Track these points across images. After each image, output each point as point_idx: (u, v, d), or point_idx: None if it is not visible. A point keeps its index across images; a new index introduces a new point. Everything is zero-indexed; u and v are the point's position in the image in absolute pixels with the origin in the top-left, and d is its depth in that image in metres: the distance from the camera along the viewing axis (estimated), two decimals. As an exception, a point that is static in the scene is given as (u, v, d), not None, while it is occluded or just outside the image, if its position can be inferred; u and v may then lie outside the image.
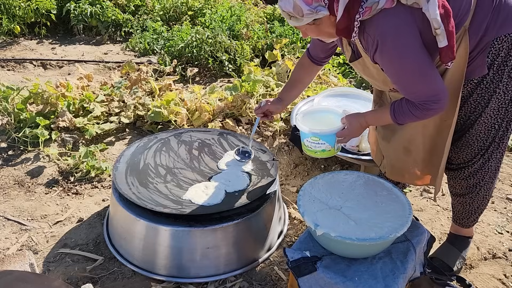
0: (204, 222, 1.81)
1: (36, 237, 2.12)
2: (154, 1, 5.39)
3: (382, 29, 1.38)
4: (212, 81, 3.97)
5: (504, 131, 1.67)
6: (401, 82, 1.48)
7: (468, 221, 1.95)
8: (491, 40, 1.49)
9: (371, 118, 1.69)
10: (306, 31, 1.52)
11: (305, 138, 1.77)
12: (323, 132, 1.71)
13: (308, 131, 1.73)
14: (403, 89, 1.50)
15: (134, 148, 2.24)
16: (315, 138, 1.73)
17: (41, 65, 4.15)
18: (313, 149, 1.77)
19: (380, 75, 1.57)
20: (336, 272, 1.53)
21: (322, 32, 1.51)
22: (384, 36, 1.38)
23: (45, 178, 2.55)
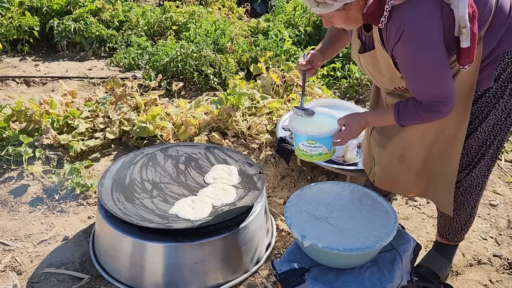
0: (191, 237, 1.81)
1: (20, 257, 2.08)
2: (138, 16, 5.40)
3: (411, 17, 1.32)
4: (197, 95, 3.98)
5: (495, 149, 1.67)
6: (414, 78, 1.43)
7: (455, 237, 1.95)
8: (502, 53, 1.48)
9: (372, 118, 1.64)
10: (332, 19, 1.43)
11: (300, 142, 1.68)
12: (320, 134, 1.64)
13: (304, 134, 1.65)
14: (414, 86, 1.45)
15: (120, 164, 2.22)
16: (312, 141, 1.65)
17: (24, 82, 4.11)
18: (309, 153, 1.68)
19: (389, 71, 1.51)
20: (324, 283, 1.53)
21: (349, 19, 1.41)
22: (411, 25, 1.32)
23: (29, 197, 2.51)
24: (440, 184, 1.74)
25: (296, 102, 3.38)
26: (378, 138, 1.81)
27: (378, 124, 1.67)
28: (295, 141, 1.72)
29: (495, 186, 2.73)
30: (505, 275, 2.06)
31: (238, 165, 2.25)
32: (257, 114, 3.25)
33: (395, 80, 1.53)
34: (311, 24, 5.12)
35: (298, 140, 1.70)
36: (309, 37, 4.98)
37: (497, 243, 2.27)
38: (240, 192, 2.05)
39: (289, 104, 3.38)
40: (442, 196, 1.76)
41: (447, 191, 1.73)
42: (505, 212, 2.51)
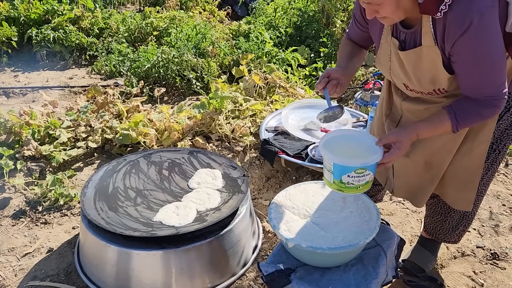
0: (177, 243, 1.80)
1: (3, 272, 2.05)
2: (119, 23, 5.37)
3: (477, 7, 1.24)
4: (180, 100, 3.97)
5: (498, 154, 1.66)
6: (478, 73, 1.34)
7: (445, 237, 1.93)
8: None
9: (424, 130, 1.45)
10: (380, 7, 1.32)
11: (345, 174, 1.44)
12: (373, 160, 1.43)
13: (353, 164, 1.42)
14: (476, 81, 1.36)
15: (103, 172, 2.21)
16: (361, 170, 1.42)
17: (4, 94, 4.05)
18: (355, 185, 1.46)
19: (432, 71, 1.42)
20: (310, 282, 1.54)
21: (399, 7, 1.31)
22: (481, 14, 1.24)
23: (11, 210, 2.47)
24: (460, 184, 1.68)
25: (279, 104, 3.39)
26: None
27: (429, 135, 1.49)
28: (335, 174, 1.46)
29: (476, 178, 2.78)
30: (488, 265, 2.10)
31: (222, 168, 2.26)
32: (241, 116, 3.26)
33: (437, 81, 1.45)
34: (291, 25, 5.16)
35: (342, 172, 1.44)
36: (290, 38, 5.01)
37: (480, 234, 2.31)
38: (224, 196, 2.05)
39: (271, 106, 3.39)
40: (463, 194, 1.70)
41: (471, 189, 1.68)
42: (486, 204, 2.55)
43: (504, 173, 2.86)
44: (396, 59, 1.51)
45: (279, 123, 2.96)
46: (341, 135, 1.60)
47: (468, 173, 1.64)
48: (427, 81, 1.47)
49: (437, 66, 1.40)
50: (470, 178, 1.66)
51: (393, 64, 1.54)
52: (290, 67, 4.28)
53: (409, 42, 1.45)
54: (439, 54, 1.37)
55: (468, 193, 1.69)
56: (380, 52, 1.57)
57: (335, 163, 1.44)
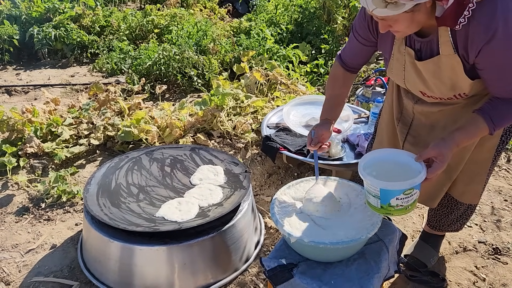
0: (179, 238, 1.81)
1: (7, 268, 2.06)
2: (120, 20, 5.37)
3: (501, 12, 1.22)
4: (182, 97, 3.97)
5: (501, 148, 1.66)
6: (507, 77, 1.33)
7: (448, 228, 1.95)
8: None
9: (462, 138, 1.41)
10: (396, 22, 1.29)
11: (393, 197, 1.39)
12: (419, 178, 1.38)
13: (401, 187, 1.37)
14: (507, 84, 1.34)
15: (105, 169, 2.22)
16: (410, 190, 1.37)
17: (6, 92, 4.06)
18: (404, 206, 1.41)
19: (452, 78, 1.40)
20: (312, 277, 1.55)
21: (413, 22, 1.28)
22: (503, 19, 1.22)
23: (14, 207, 2.48)
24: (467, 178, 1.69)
25: (281, 101, 3.39)
26: (415, 151, 1.58)
27: (468, 142, 1.45)
28: (383, 199, 1.41)
29: (478, 174, 2.78)
30: (490, 260, 2.10)
31: (224, 165, 2.26)
32: (242, 113, 3.26)
33: (457, 87, 1.43)
34: (292, 22, 5.15)
35: (390, 195, 1.39)
36: (291, 35, 5.01)
37: (482, 229, 2.31)
38: (226, 191, 2.06)
39: (273, 103, 3.40)
40: (471, 187, 1.70)
41: (479, 182, 1.68)
42: (488, 199, 2.55)
43: (506, 169, 2.86)
44: (413, 68, 1.48)
45: (281, 119, 2.97)
46: (376, 156, 1.55)
47: (476, 166, 1.65)
48: (448, 88, 1.45)
49: (458, 73, 1.38)
50: (477, 171, 1.66)
51: (408, 74, 1.51)
52: (291, 64, 4.28)
53: (425, 51, 1.42)
54: (460, 62, 1.35)
55: (476, 186, 1.70)
56: (392, 62, 1.55)
57: (381, 188, 1.39)
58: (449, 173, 1.67)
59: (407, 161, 1.46)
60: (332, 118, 1.75)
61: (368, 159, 1.52)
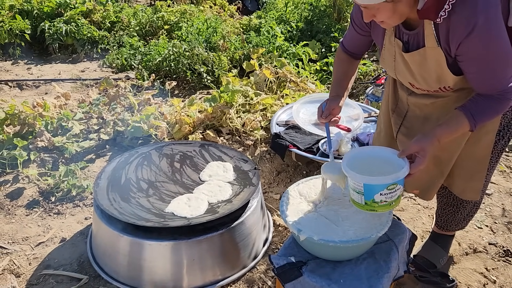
0: (188, 234, 1.81)
1: (18, 260, 2.08)
2: (130, 16, 5.39)
3: (481, 7, 1.25)
4: (191, 93, 3.98)
5: (503, 143, 1.66)
6: (489, 70, 1.35)
7: (455, 227, 1.97)
8: None
9: (443, 134, 1.43)
10: (378, 11, 1.32)
11: (377, 193, 1.39)
12: (403, 173, 1.39)
13: (386, 181, 1.37)
14: (487, 78, 1.36)
15: (115, 164, 2.22)
16: (393, 186, 1.38)
17: (17, 86, 4.10)
18: (388, 201, 1.41)
19: (437, 70, 1.42)
20: (321, 275, 1.54)
21: (395, 13, 1.31)
22: (483, 15, 1.25)
23: (25, 200, 2.50)
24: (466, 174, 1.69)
25: (290, 98, 3.38)
26: (407, 142, 1.62)
27: (449, 138, 1.47)
28: (367, 195, 1.41)
29: (489, 175, 2.75)
30: (500, 262, 2.09)
31: (233, 161, 2.26)
32: (251, 110, 3.26)
33: (443, 80, 1.45)
34: (302, 19, 5.13)
35: (374, 191, 1.39)
36: (301, 32, 4.99)
37: (492, 231, 2.29)
38: (235, 188, 2.06)
39: (282, 100, 3.39)
40: (471, 184, 1.71)
41: (478, 179, 1.69)
42: (499, 201, 2.53)
43: (517, 170, 2.83)
44: (401, 60, 1.51)
45: (290, 117, 2.96)
46: (360, 153, 1.56)
47: (475, 163, 1.65)
48: (433, 80, 1.47)
49: (442, 66, 1.41)
50: (477, 168, 1.66)
51: (398, 64, 1.54)
52: (301, 61, 4.26)
53: (412, 43, 1.45)
54: (442, 55, 1.38)
55: (476, 183, 1.70)
56: (384, 53, 1.58)
57: (365, 184, 1.39)
58: (440, 168, 1.68)
59: (390, 158, 1.47)
60: (342, 93, 1.72)
61: (352, 156, 1.53)
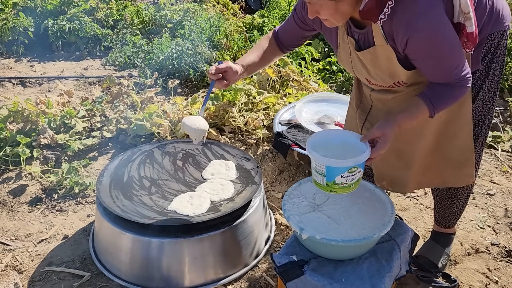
0: (191, 232, 1.81)
1: (20, 257, 2.09)
2: (133, 14, 5.39)
3: (421, 9, 1.32)
4: (194, 92, 3.97)
5: (486, 128, 1.73)
6: (442, 64, 1.41)
7: (452, 222, 2.00)
8: (486, 36, 1.56)
9: (404, 120, 1.49)
10: (320, 8, 1.35)
11: (339, 175, 1.44)
12: (364, 156, 1.44)
13: (347, 164, 1.42)
14: (441, 71, 1.43)
15: (118, 162, 2.23)
16: (354, 169, 1.44)
17: (20, 83, 4.11)
18: (348, 184, 1.47)
19: (390, 66, 1.48)
20: (323, 274, 1.54)
21: (337, 11, 1.34)
22: (423, 16, 1.32)
23: (28, 197, 2.51)
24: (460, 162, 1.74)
25: (293, 97, 3.38)
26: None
27: (410, 124, 1.53)
28: (328, 176, 1.45)
29: (492, 175, 2.75)
30: (502, 263, 2.08)
31: (236, 160, 2.26)
32: (254, 109, 3.26)
33: (396, 75, 1.51)
34: (306, 19, 5.12)
35: (335, 173, 1.44)
36: (304, 32, 4.97)
37: (495, 231, 2.29)
38: (238, 187, 2.06)
39: (285, 99, 3.39)
40: (464, 171, 1.75)
41: (469, 165, 1.74)
42: (502, 201, 2.52)
43: (520, 171, 2.82)
44: (356, 57, 1.55)
45: (293, 116, 2.96)
46: (325, 136, 1.61)
47: (462, 153, 1.72)
48: (387, 76, 1.53)
49: (393, 63, 1.46)
50: (465, 157, 1.73)
51: (354, 61, 1.58)
52: (304, 60, 4.26)
53: (364, 42, 1.49)
54: (393, 52, 1.43)
55: (468, 169, 1.76)
56: (340, 51, 1.62)
57: (327, 166, 1.43)
58: (404, 160, 1.73)
59: (353, 142, 1.52)
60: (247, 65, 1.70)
61: (317, 139, 1.56)
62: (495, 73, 1.64)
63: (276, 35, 1.77)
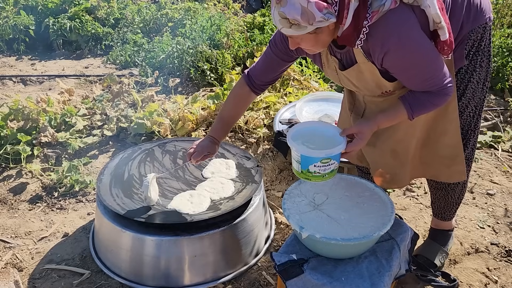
0: (190, 231, 1.82)
1: (20, 254, 2.09)
2: (134, 13, 5.39)
3: (392, 28, 1.38)
4: (194, 90, 3.97)
5: (477, 118, 1.76)
6: (419, 76, 1.47)
7: (449, 214, 2.01)
8: (467, 33, 1.59)
9: (383, 121, 1.58)
10: (301, 41, 1.43)
11: (312, 164, 1.52)
12: (337, 149, 1.52)
13: (319, 155, 1.50)
14: (420, 82, 1.48)
15: (118, 160, 2.23)
16: (326, 160, 1.51)
17: (21, 81, 4.11)
18: (321, 174, 1.54)
19: (375, 80, 1.55)
20: (323, 273, 1.55)
21: (318, 42, 1.42)
22: (395, 34, 1.38)
23: (28, 195, 2.52)
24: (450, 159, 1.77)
25: (293, 97, 3.38)
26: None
27: (388, 124, 1.62)
28: (303, 164, 1.54)
29: (492, 175, 2.75)
30: (502, 262, 2.08)
31: (236, 159, 2.27)
32: (254, 108, 3.26)
33: (382, 86, 1.57)
34: (307, 18, 5.11)
35: (308, 162, 1.52)
36: (305, 31, 4.97)
37: (494, 231, 2.29)
38: (238, 185, 2.06)
39: (285, 98, 3.39)
40: (454, 168, 1.79)
41: (459, 162, 1.77)
42: (502, 201, 2.52)
43: (520, 171, 2.82)
44: (342, 74, 1.62)
45: (293, 115, 2.95)
46: (308, 127, 1.66)
47: (451, 149, 1.75)
48: (373, 87, 1.60)
49: (378, 77, 1.53)
50: (455, 153, 1.76)
51: (341, 77, 1.65)
52: (305, 60, 4.26)
53: (346, 60, 1.57)
54: (375, 67, 1.49)
55: (458, 166, 1.79)
56: (326, 70, 1.69)
57: (302, 154, 1.52)
58: (399, 159, 1.79)
59: (333, 135, 1.60)
60: (222, 138, 1.89)
61: (299, 129, 1.64)
62: (482, 65, 1.66)
63: (249, 82, 1.79)
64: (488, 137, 3.09)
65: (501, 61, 3.90)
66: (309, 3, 1.27)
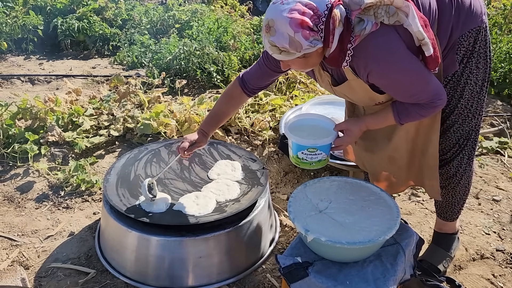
0: (196, 232, 1.82)
1: (27, 252, 2.11)
2: (141, 14, 5.43)
3: (374, 50, 1.43)
4: (200, 92, 3.99)
5: (478, 118, 1.77)
6: (404, 92, 1.52)
7: (452, 214, 2.00)
8: (458, 38, 1.60)
9: (372, 122, 1.68)
10: (292, 64, 1.50)
11: (300, 151, 1.69)
12: (323, 142, 1.68)
13: (305, 143, 1.67)
14: (407, 97, 1.53)
15: (125, 160, 2.24)
16: (313, 149, 1.67)
17: (29, 81, 4.14)
18: (308, 161, 1.71)
19: (367, 93, 1.60)
20: (327, 276, 1.55)
21: (308, 64, 1.50)
22: (377, 55, 1.44)
23: (35, 193, 2.53)
24: (426, 172, 1.82)
25: (299, 100, 3.39)
26: (364, 144, 1.89)
27: (378, 126, 1.70)
28: (293, 150, 1.72)
29: (498, 181, 2.74)
30: (508, 269, 2.07)
31: (242, 160, 2.27)
32: (260, 111, 3.27)
33: (375, 98, 1.62)
34: (313, 21, 5.12)
35: (297, 149, 1.70)
36: (312, 34, 4.97)
37: (500, 238, 2.28)
38: (243, 187, 2.07)
39: (291, 101, 3.40)
40: (429, 183, 1.83)
41: (433, 178, 1.81)
42: (508, 207, 2.51)
43: (526, 177, 2.81)
44: (337, 89, 1.69)
45: (299, 118, 2.96)
46: (309, 119, 1.84)
47: (432, 159, 1.77)
48: (367, 100, 1.67)
49: (368, 90, 1.58)
50: (433, 164, 1.78)
51: (335, 90, 1.71)
52: (311, 63, 4.26)
53: (338, 76, 1.64)
54: (364, 83, 1.55)
55: (433, 182, 1.82)
56: (320, 83, 1.77)
57: (292, 141, 1.70)
58: (396, 164, 1.85)
59: (327, 128, 1.73)
60: (211, 132, 1.94)
61: (302, 119, 1.83)
62: (479, 66, 1.66)
63: (242, 84, 1.84)
64: (494, 143, 3.08)
65: (508, 66, 3.88)
66: (295, 33, 1.33)
